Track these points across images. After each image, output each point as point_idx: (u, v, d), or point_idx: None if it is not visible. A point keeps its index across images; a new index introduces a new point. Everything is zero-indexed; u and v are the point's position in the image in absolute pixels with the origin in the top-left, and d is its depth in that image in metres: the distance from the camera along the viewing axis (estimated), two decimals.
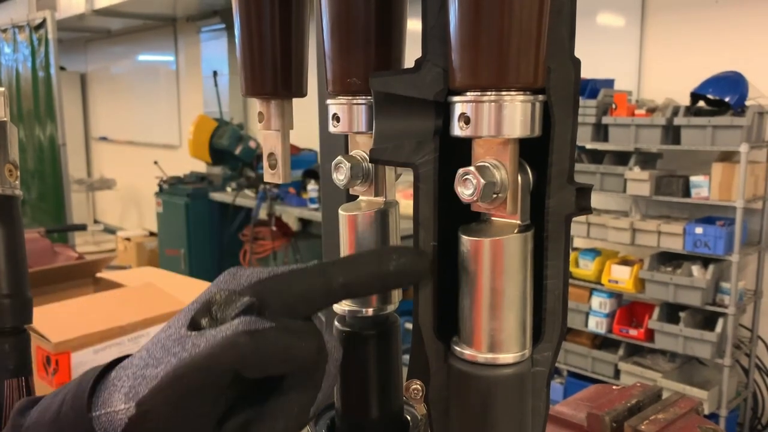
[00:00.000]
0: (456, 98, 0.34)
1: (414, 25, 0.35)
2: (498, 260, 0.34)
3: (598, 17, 3.66)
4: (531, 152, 0.36)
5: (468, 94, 0.34)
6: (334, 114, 0.43)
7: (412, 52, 0.39)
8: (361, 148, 0.44)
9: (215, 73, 5.83)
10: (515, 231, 0.35)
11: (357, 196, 0.46)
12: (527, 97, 0.33)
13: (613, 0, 3.57)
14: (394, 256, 0.35)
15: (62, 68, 6.58)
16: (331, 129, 0.44)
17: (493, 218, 0.37)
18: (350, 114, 0.43)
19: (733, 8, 3.14)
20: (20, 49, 5.08)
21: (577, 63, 0.35)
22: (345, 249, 0.44)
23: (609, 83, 3.34)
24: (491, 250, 0.34)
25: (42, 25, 4.80)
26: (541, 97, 0.34)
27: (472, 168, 0.34)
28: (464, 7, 0.32)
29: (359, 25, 0.41)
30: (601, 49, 3.56)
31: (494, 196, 0.34)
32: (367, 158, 0.42)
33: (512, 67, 0.32)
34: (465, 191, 0.34)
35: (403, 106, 0.37)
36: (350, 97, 0.42)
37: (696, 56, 3.25)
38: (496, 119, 0.33)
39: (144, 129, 7.35)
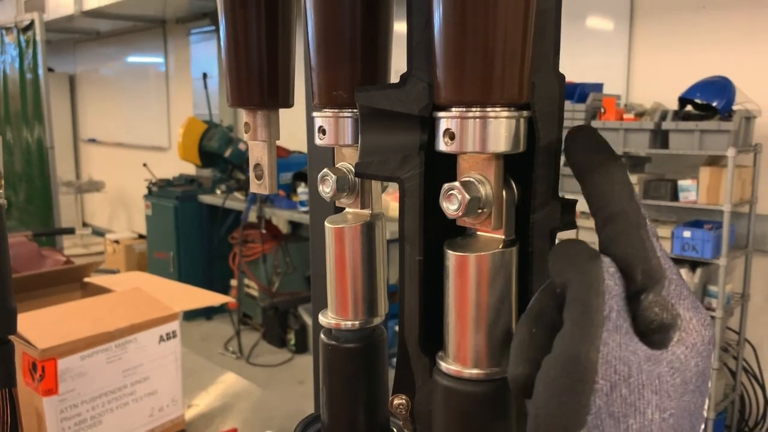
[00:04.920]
0: (441, 114, 0.34)
1: (400, 27, 0.34)
2: (483, 275, 0.34)
3: (587, 21, 3.67)
4: (516, 167, 0.36)
5: (453, 109, 0.34)
6: (320, 126, 0.43)
7: (397, 54, 0.39)
8: (348, 161, 0.44)
9: (205, 75, 5.81)
10: (500, 246, 0.35)
11: (344, 208, 0.46)
12: (512, 113, 0.33)
13: (602, 4, 3.59)
14: None
15: (50, 70, 6.55)
16: (318, 141, 0.44)
17: (478, 233, 0.37)
18: (336, 127, 0.43)
19: (721, 14, 3.17)
20: (8, 51, 5.04)
21: (561, 78, 0.35)
22: (331, 261, 0.44)
23: (598, 87, 3.35)
24: (476, 265, 0.34)
25: (30, 26, 4.76)
26: (525, 112, 0.34)
27: (456, 183, 0.34)
28: (449, 24, 0.32)
29: (345, 39, 0.40)
30: (590, 53, 3.57)
31: (479, 211, 0.34)
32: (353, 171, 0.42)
33: (497, 83, 0.32)
34: (450, 206, 0.34)
35: (388, 120, 0.37)
36: (336, 110, 0.42)
37: (684, 61, 3.27)
38: (481, 135, 0.33)
39: (133, 131, 7.31)
